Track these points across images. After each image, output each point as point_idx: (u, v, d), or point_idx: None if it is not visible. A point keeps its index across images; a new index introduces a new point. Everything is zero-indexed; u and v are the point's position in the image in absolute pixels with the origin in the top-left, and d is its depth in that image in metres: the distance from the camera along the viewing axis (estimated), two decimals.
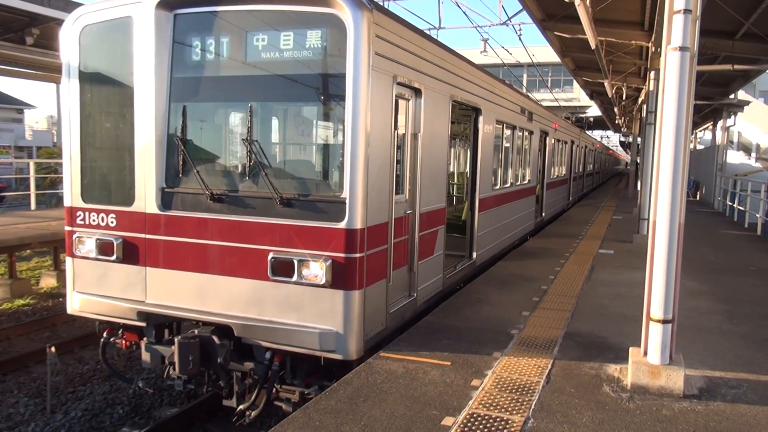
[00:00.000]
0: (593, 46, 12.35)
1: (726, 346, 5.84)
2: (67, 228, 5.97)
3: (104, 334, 6.07)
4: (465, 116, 8.74)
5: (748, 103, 24.61)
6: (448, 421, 4.07)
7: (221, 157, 6.00)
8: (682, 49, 4.35)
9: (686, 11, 4.33)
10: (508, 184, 10.92)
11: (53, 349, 6.92)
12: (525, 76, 44.91)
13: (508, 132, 10.67)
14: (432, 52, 6.40)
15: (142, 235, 5.62)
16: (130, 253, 5.67)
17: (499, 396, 4.47)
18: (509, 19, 16.31)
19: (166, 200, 5.54)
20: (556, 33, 14.11)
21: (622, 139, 61.13)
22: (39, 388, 7.72)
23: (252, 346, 5.27)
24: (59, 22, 10.64)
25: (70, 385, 7.81)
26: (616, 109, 28.71)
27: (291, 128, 6.09)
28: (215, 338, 5.26)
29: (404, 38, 5.63)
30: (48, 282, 12.90)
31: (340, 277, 4.94)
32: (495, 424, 4.04)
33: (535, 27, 13.82)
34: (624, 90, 22.09)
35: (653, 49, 13.05)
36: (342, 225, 4.91)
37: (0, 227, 11.93)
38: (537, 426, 4.03)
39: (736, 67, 13.65)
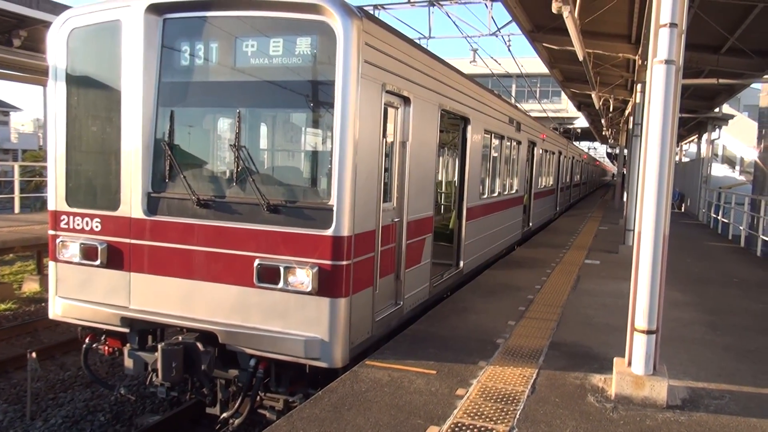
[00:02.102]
0: (581, 58, 12.48)
1: (709, 357, 5.89)
2: (51, 232, 5.90)
3: (86, 340, 6.00)
4: (454, 125, 8.77)
5: (732, 116, 24.98)
6: (432, 430, 4.05)
7: (208, 162, 5.97)
8: (667, 62, 4.40)
9: (672, 25, 4.39)
10: (496, 194, 10.97)
11: (34, 354, 6.83)
12: (514, 86, 45.27)
13: (496, 141, 10.73)
14: (421, 61, 6.42)
15: (127, 240, 5.56)
16: (115, 258, 5.62)
17: (484, 405, 4.47)
18: (499, 30, 16.44)
19: (152, 205, 5.50)
20: (544, 44, 14.27)
21: (609, 150, 61.68)
22: (19, 394, 7.61)
23: (236, 353, 5.22)
24: (47, 25, 10.55)
25: (50, 392, 7.70)
26: (603, 121, 29.01)
27: (279, 135, 6.08)
28: (199, 345, 5.20)
29: (394, 47, 5.64)
30: (30, 286, 12.73)
31: (327, 285, 4.92)
32: None
33: (524, 38, 13.98)
34: (611, 102, 22.35)
35: (640, 62, 13.22)
36: (329, 232, 4.90)
37: None
38: None
39: (721, 81, 13.86)
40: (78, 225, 5.77)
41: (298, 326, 5.01)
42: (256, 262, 5.07)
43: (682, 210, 28.76)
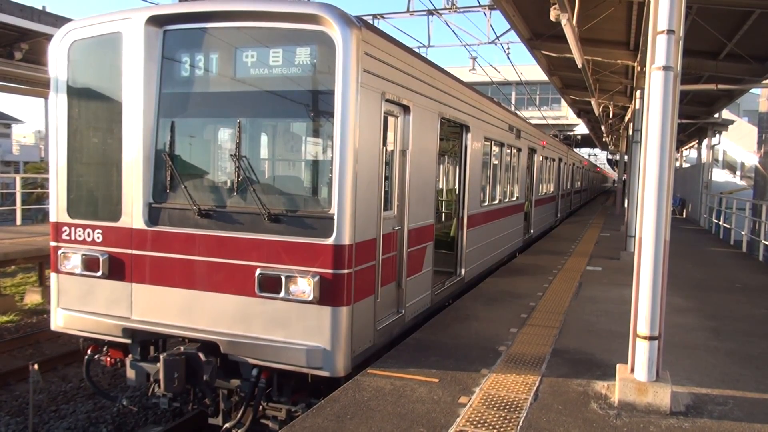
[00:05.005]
0: (580, 65, 12.52)
1: (712, 363, 5.87)
2: (53, 243, 5.91)
3: (88, 351, 6.00)
4: (454, 133, 8.80)
5: (732, 122, 25.01)
6: None
7: (209, 172, 5.99)
8: (665, 68, 4.42)
9: (669, 32, 4.40)
10: (497, 201, 10.98)
11: (36, 366, 6.81)
12: (513, 94, 45.41)
13: (496, 149, 10.75)
14: (421, 70, 6.45)
15: (129, 251, 5.57)
16: (116, 269, 5.63)
17: (487, 413, 4.45)
18: (497, 38, 16.56)
19: (153, 216, 5.51)
20: (543, 52, 14.32)
21: (610, 156, 61.73)
22: (21, 406, 7.59)
23: (238, 363, 5.22)
24: (48, 38, 10.64)
25: (52, 404, 7.69)
26: (603, 127, 29.05)
27: (279, 144, 6.10)
28: (201, 355, 5.20)
29: (393, 56, 5.67)
30: (32, 298, 12.73)
31: (328, 294, 4.92)
32: None
33: (523, 46, 14.03)
34: (611, 108, 22.40)
35: (638, 68, 13.26)
36: (330, 241, 4.90)
37: None
38: None
39: (720, 86, 13.90)
40: (80, 236, 5.79)
41: (300, 335, 5.00)
42: (258, 271, 5.08)
43: (684, 216, 28.74)
